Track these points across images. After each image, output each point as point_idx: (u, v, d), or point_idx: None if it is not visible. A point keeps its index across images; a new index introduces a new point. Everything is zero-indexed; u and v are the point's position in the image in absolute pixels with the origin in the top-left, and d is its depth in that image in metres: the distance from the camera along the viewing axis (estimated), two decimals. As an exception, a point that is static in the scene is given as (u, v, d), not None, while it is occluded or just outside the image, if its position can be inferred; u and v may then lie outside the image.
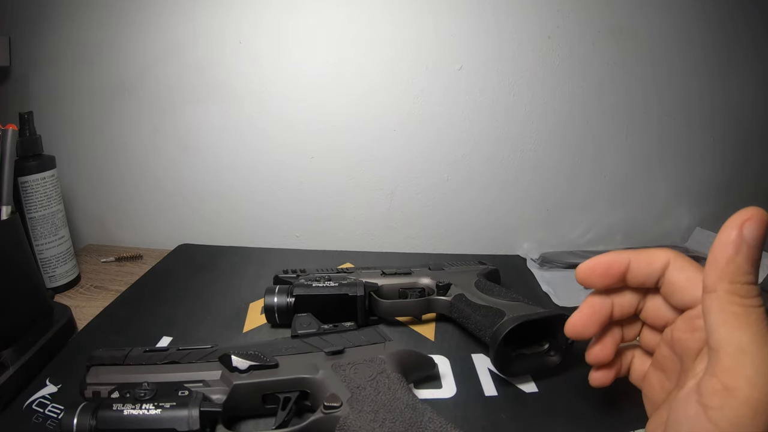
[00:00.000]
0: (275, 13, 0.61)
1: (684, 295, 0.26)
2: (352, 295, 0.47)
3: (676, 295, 0.27)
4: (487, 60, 0.62)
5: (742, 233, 0.22)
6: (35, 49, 0.65)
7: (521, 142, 0.65)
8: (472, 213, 0.69)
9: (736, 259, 0.22)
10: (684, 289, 0.26)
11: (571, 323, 0.30)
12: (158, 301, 0.53)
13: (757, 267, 0.23)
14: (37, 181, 0.54)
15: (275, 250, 0.68)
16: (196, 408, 0.31)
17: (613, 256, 0.28)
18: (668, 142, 0.67)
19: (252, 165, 0.68)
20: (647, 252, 0.28)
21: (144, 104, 0.66)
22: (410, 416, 0.30)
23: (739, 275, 0.22)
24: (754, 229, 0.22)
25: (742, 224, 0.22)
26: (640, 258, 0.28)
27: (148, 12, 0.62)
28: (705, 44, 0.62)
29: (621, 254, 0.28)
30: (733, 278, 0.22)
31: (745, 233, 0.22)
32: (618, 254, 0.28)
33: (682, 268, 0.27)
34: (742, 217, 0.23)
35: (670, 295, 0.27)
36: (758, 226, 0.22)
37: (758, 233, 0.22)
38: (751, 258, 0.22)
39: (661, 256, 0.27)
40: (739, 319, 0.22)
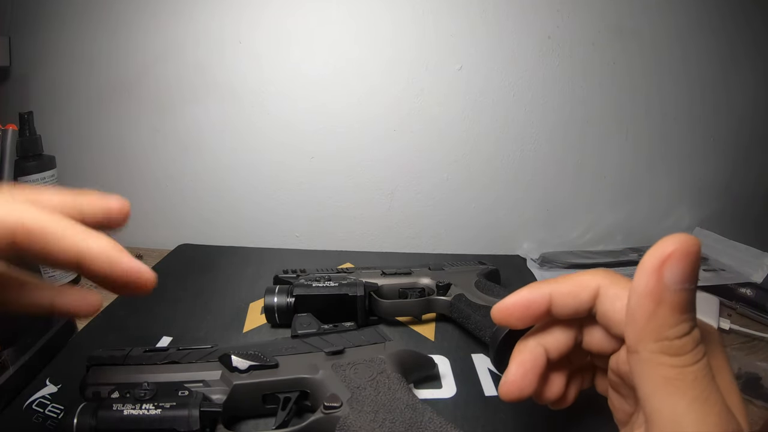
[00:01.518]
0: (275, 13, 0.61)
1: (621, 327, 0.21)
2: (352, 295, 0.47)
3: (613, 328, 0.22)
4: (487, 60, 0.62)
5: (662, 278, 0.18)
6: (35, 49, 0.65)
7: (521, 142, 0.65)
8: (472, 213, 0.69)
9: (658, 313, 0.18)
10: (621, 322, 0.21)
11: (504, 390, 0.24)
12: (158, 301, 0.53)
13: (693, 305, 0.18)
14: (37, 181, 0.54)
15: (275, 250, 0.68)
16: (196, 408, 0.31)
17: (530, 294, 0.24)
18: (668, 142, 0.67)
19: (252, 165, 0.68)
20: (572, 281, 0.23)
21: (144, 104, 0.66)
22: (410, 416, 0.30)
23: (665, 330, 0.18)
24: (678, 270, 0.18)
25: (660, 266, 0.18)
26: (562, 291, 0.23)
27: (148, 12, 0.62)
28: (705, 44, 0.62)
29: (540, 288, 0.24)
30: (659, 336, 0.18)
31: (666, 278, 0.18)
32: (537, 289, 0.24)
33: (616, 296, 0.22)
34: (659, 254, 0.18)
35: (607, 327, 0.23)
36: (683, 263, 0.18)
37: (684, 273, 0.18)
38: (681, 304, 0.18)
39: (588, 285, 0.23)
40: (672, 385, 0.18)
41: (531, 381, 0.24)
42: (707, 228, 0.68)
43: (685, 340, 0.18)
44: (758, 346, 0.48)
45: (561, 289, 0.23)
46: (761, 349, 0.47)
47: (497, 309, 0.24)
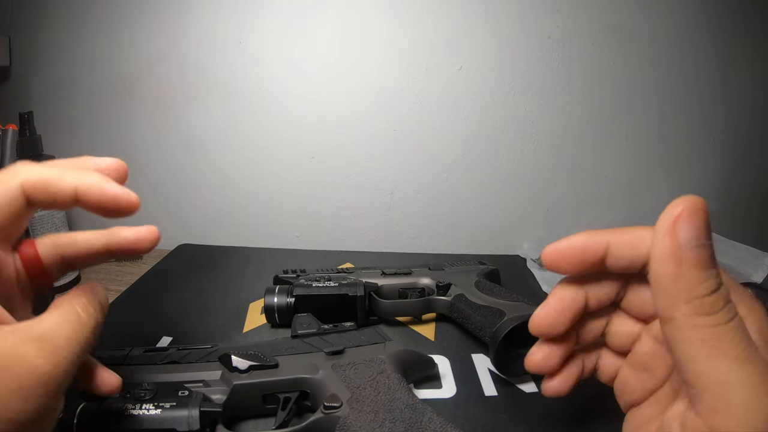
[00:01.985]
0: (276, 13, 0.61)
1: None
2: (352, 295, 0.47)
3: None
4: (487, 60, 0.62)
5: (677, 238, 0.18)
6: (35, 49, 0.65)
7: (521, 142, 0.65)
8: (472, 213, 0.69)
9: (682, 273, 0.18)
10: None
11: (536, 321, 0.24)
12: (158, 301, 0.53)
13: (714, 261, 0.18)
14: (37, 181, 0.54)
15: (275, 250, 0.68)
16: (196, 408, 0.31)
17: (587, 238, 0.23)
18: (668, 142, 0.67)
19: (252, 165, 0.68)
20: (630, 232, 0.22)
21: (144, 104, 0.66)
22: (410, 416, 0.30)
23: (694, 289, 0.18)
24: (691, 227, 0.18)
25: (673, 227, 0.18)
26: (621, 240, 0.22)
27: (149, 12, 0.62)
28: (705, 44, 0.62)
29: (598, 235, 0.23)
30: (689, 295, 0.18)
31: (681, 237, 0.18)
32: (595, 235, 0.23)
33: None
34: (670, 216, 0.19)
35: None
36: (694, 219, 0.18)
37: (698, 229, 0.18)
38: (702, 260, 0.18)
39: (647, 239, 0.21)
40: (711, 346, 0.18)
41: (564, 320, 0.24)
42: (707, 228, 0.68)
43: (715, 297, 0.18)
44: (758, 346, 0.48)
45: (620, 239, 0.22)
46: (761, 349, 0.47)
47: (549, 251, 0.24)
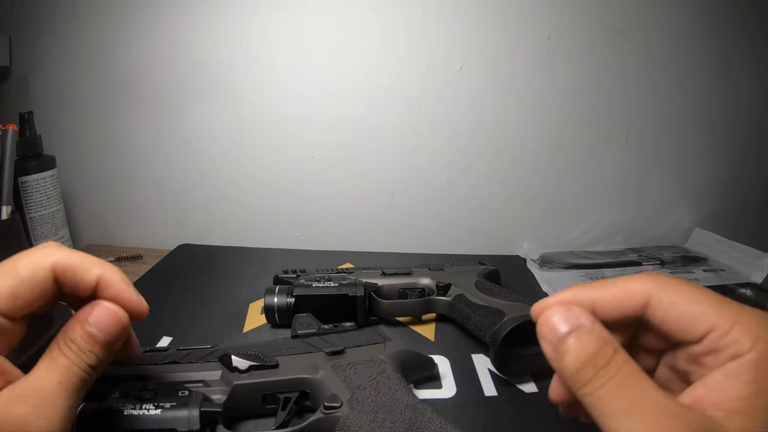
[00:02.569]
0: (276, 13, 0.61)
1: (681, 334, 0.21)
2: (352, 295, 0.47)
3: (673, 336, 0.22)
4: (487, 60, 0.62)
5: (547, 343, 0.22)
6: (35, 49, 0.65)
7: (521, 142, 0.65)
8: (472, 213, 0.69)
9: (559, 367, 0.21)
10: (681, 329, 0.21)
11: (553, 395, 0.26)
12: (158, 301, 0.53)
13: (588, 327, 0.21)
14: (37, 181, 0.54)
15: (275, 250, 0.68)
16: (196, 408, 0.31)
17: (573, 298, 0.23)
18: (668, 142, 0.67)
19: (252, 165, 0.68)
20: (618, 288, 0.23)
21: (144, 104, 0.66)
22: (410, 416, 0.30)
23: (570, 372, 0.21)
24: (548, 333, 0.22)
25: (545, 339, 0.22)
26: (606, 299, 0.23)
27: (149, 12, 0.62)
28: (705, 44, 0.62)
29: (584, 293, 0.23)
30: (569, 376, 0.21)
31: (548, 340, 0.22)
32: (581, 293, 0.23)
33: (671, 304, 0.22)
34: (543, 332, 0.22)
35: (665, 335, 0.22)
36: (541, 329, 0.22)
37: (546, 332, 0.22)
38: (564, 352, 0.21)
39: (636, 293, 0.22)
40: (597, 408, 0.20)
41: None
42: (707, 228, 0.68)
43: (585, 369, 0.20)
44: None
45: (605, 297, 0.23)
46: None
47: (537, 308, 0.24)
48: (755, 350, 0.20)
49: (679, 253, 0.64)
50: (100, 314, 0.25)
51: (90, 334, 0.25)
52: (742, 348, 0.20)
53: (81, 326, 0.25)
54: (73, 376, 0.24)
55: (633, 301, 0.22)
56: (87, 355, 0.24)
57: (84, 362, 0.24)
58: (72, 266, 0.25)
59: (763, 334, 0.20)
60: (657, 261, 0.61)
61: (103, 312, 0.25)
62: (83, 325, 0.25)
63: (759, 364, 0.20)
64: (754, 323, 0.20)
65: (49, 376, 0.23)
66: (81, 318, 0.25)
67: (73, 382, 0.24)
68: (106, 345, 0.25)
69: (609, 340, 0.21)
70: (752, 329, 0.20)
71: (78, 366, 0.24)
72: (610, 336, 0.21)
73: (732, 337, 0.20)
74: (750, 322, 0.20)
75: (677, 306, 0.21)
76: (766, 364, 0.20)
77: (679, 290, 0.22)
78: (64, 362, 0.24)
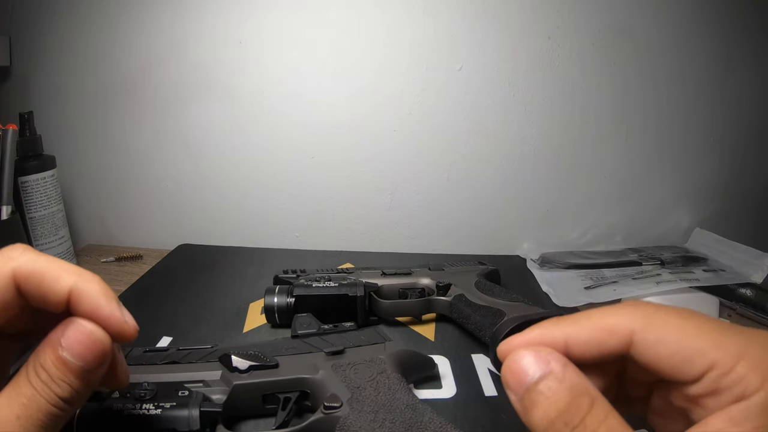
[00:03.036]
0: (276, 13, 0.61)
1: (674, 374, 0.18)
2: (352, 295, 0.47)
3: (662, 375, 0.19)
4: (487, 60, 0.62)
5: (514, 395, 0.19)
6: (35, 49, 0.65)
7: (521, 142, 0.65)
8: (472, 213, 0.69)
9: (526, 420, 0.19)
10: (672, 369, 0.18)
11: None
12: (158, 301, 0.53)
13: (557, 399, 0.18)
14: (37, 181, 0.54)
15: (275, 250, 0.68)
16: (196, 408, 0.31)
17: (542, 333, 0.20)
18: (668, 142, 0.67)
19: (252, 165, 0.68)
20: (594, 325, 0.19)
21: (144, 104, 0.66)
22: (410, 416, 0.30)
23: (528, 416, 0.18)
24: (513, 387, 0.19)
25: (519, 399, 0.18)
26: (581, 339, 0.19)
27: (149, 12, 0.62)
28: (705, 44, 0.62)
29: (554, 332, 0.20)
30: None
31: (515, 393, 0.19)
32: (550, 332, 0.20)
33: (658, 342, 0.18)
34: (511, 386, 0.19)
35: (655, 373, 0.19)
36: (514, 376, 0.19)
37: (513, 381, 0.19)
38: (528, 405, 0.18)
39: (617, 331, 0.19)
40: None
41: None
42: (707, 228, 0.68)
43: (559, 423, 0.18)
44: (758, 346, 0.48)
45: (580, 335, 0.19)
46: (761, 350, 0.47)
47: (504, 348, 0.21)
48: (765, 390, 0.16)
49: (679, 253, 0.64)
50: (74, 335, 0.20)
51: (62, 360, 0.20)
52: (748, 388, 0.16)
53: (53, 350, 0.20)
54: (38, 411, 0.19)
55: (613, 339, 0.19)
56: (58, 385, 0.20)
57: (53, 394, 0.20)
58: (37, 273, 0.20)
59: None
60: (657, 261, 0.61)
61: (78, 333, 0.20)
62: (55, 348, 0.20)
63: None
64: (764, 357, 0.17)
65: (7, 407, 0.19)
66: (53, 340, 0.20)
67: (36, 417, 0.19)
68: (82, 373, 0.20)
69: (584, 389, 0.18)
70: (760, 364, 0.17)
71: (45, 398, 0.19)
72: (586, 383, 0.18)
73: (736, 375, 0.17)
74: (759, 356, 0.17)
75: (668, 343, 0.18)
76: None
77: (668, 324, 0.18)
78: (29, 392, 0.19)
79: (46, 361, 0.20)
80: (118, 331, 0.22)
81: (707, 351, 0.17)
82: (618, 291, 0.54)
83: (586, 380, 0.18)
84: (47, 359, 0.20)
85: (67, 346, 0.20)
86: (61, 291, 0.21)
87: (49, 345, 0.20)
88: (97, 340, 0.21)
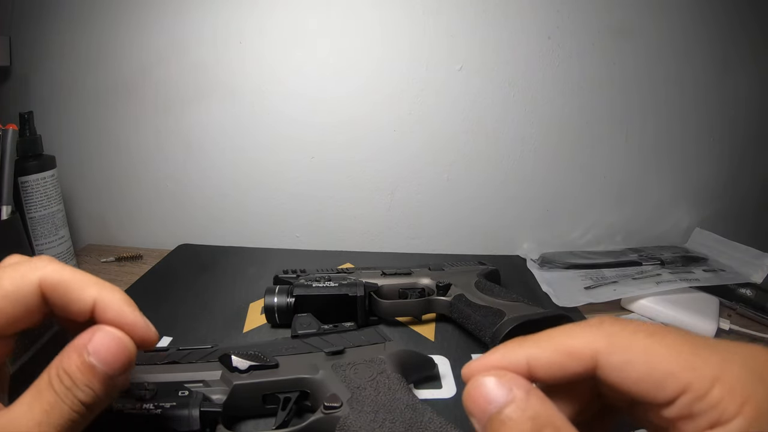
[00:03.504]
0: (276, 13, 0.61)
1: (645, 398, 0.17)
2: (352, 295, 0.47)
3: (633, 398, 0.18)
4: (487, 60, 0.62)
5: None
6: (35, 49, 0.65)
7: (521, 142, 0.65)
8: (472, 213, 0.69)
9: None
10: (642, 393, 0.17)
11: None
12: (158, 301, 0.53)
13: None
14: (37, 181, 0.54)
15: (275, 250, 0.68)
16: (196, 408, 0.31)
17: (503, 356, 0.19)
18: (668, 142, 0.67)
19: (252, 165, 0.68)
20: (556, 346, 0.18)
21: (145, 104, 0.66)
22: (410, 416, 0.30)
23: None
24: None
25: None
26: (542, 361, 0.18)
27: (149, 12, 0.62)
28: (704, 45, 0.62)
29: (515, 353, 0.19)
30: None
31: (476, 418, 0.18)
32: (511, 353, 0.19)
33: (626, 364, 0.17)
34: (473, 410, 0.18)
35: (623, 395, 0.18)
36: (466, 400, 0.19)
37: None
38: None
39: (579, 353, 0.18)
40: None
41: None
42: (707, 228, 0.68)
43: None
44: (758, 346, 0.48)
45: (541, 357, 0.18)
46: (761, 350, 0.47)
47: (466, 372, 0.20)
48: (742, 416, 0.15)
49: (679, 253, 0.64)
50: (103, 341, 0.21)
51: (88, 365, 0.20)
52: (725, 414, 0.15)
53: (78, 355, 0.20)
54: (60, 417, 0.19)
55: (576, 362, 0.18)
56: (82, 390, 0.20)
57: (76, 399, 0.20)
58: (63, 283, 0.22)
59: (753, 393, 0.16)
60: (657, 261, 0.61)
61: (107, 338, 0.21)
62: (81, 353, 0.20)
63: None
64: (743, 376, 0.16)
65: (29, 413, 0.19)
66: (79, 345, 0.21)
67: (57, 423, 0.19)
68: (106, 379, 0.21)
69: (548, 419, 0.17)
70: (738, 386, 0.16)
71: (68, 404, 0.20)
72: (550, 411, 0.17)
73: (712, 400, 0.16)
74: (737, 376, 0.16)
75: (634, 366, 0.17)
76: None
77: (634, 344, 0.17)
78: (51, 398, 0.20)
79: (70, 366, 0.20)
80: (142, 337, 0.23)
81: (678, 373, 0.16)
82: (618, 291, 0.54)
83: (551, 407, 0.17)
84: (72, 364, 0.20)
85: (94, 352, 0.21)
86: (86, 300, 0.22)
87: (74, 350, 0.21)
88: (125, 346, 0.21)
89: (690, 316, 0.50)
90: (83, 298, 0.22)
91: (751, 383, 0.16)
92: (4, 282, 0.21)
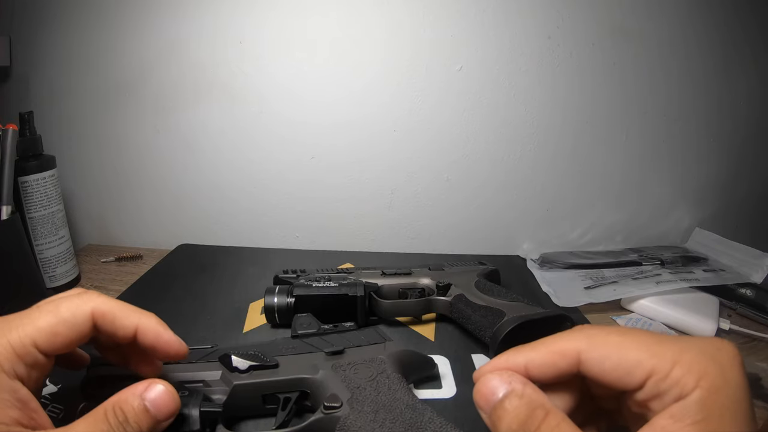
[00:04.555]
0: (276, 13, 0.61)
1: (621, 385, 0.21)
2: (352, 295, 0.47)
3: (613, 387, 0.22)
4: (487, 60, 0.62)
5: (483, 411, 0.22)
6: (35, 49, 0.65)
7: (521, 142, 0.65)
8: (472, 213, 0.69)
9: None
10: (618, 381, 0.21)
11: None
12: (158, 301, 0.53)
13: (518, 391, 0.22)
14: (37, 181, 0.54)
15: (275, 250, 0.68)
16: (196, 408, 0.31)
17: (506, 360, 0.24)
18: (668, 142, 0.67)
19: (252, 165, 0.68)
20: (547, 349, 0.23)
21: (144, 104, 0.66)
22: (410, 416, 0.30)
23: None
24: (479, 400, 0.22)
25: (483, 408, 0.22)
26: (537, 363, 0.23)
27: (149, 12, 0.62)
28: (704, 45, 0.62)
29: (516, 358, 0.23)
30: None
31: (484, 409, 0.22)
32: (513, 358, 0.24)
33: (603, 358, 0.21)
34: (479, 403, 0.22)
35: (605, 386, 0.22)
36: (481, 393, 0.23)
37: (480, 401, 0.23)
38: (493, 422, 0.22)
39: (566, 352, 0.22)
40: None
41: None
42: (707, 228, 0.68)
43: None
44: (758, 346, 0.48)
45: (536, 359, 0.23)
46: (761, 350, 0.48)
47: (476, 375, 0.24)
48: (700, 388, 0.19)
49: (679, 253, 0.64)
50: (160, 395, 0.25)
51: (145, 408, 0.25)
52: (685, 388, 0.19)
53: (137, 398, 0.25)
54: None
55: (564, 360, 0.22)
56: (132, 426, 0.24)
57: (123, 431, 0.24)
58: (111, 312, 0.27)
59: (707, 370, 0.19)
60: (657, 261, 0.61)
61: (163, 393, 0.25)
62: (140, 398, 0.25)
63: (705, 403, 0.19)
64: (698, 359, 0.20)
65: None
66: (136, 391, 0.25)
67: None
68: (153, 423, 0.25)
69: (540, 403, 0.21)
70: (694, 366, 0.19)
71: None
72: (542, 398, 0.21)
73: (673, 379, 0.19)
74: (693, 359, 0.20)
75: (609, 358, 0.21)
76: (714, 401, 0.19)
77: (608, 342, 0.22)
78: (104, 428, 0.23)
79: (127, 404, 0.24)
80: (176, 351, 0.29)
81: (644, 361, 0.20)
82: (618, 291, 0.54)
83: (543, 395, 0.22)
84: (128, 404, 0.24)
85: (151, 400, 0.25)
86: (130, 326, 0.28)
87: (133, 393, 0.25)
88: (177, 402, 0.26)
89: (690, 316, 0.50)
90: (127, 325, 0.27)
91: (705, 363, 0.19)
92: (62, 310, 0.26)
